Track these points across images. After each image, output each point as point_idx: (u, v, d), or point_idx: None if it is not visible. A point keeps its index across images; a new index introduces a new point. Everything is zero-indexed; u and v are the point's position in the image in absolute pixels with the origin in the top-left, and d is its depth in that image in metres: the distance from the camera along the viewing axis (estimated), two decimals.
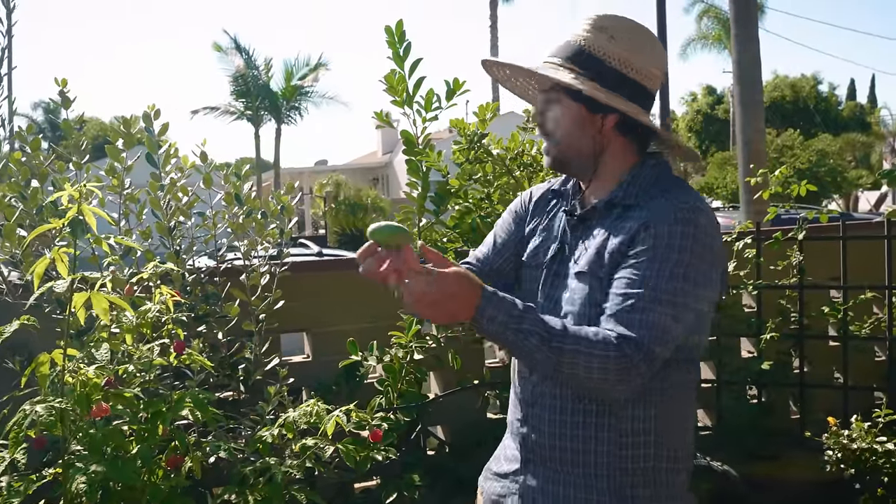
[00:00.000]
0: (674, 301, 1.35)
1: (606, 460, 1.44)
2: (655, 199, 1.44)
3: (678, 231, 1.37)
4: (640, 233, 1.40)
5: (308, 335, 3.22)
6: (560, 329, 1.33)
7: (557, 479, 1.48)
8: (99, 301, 1.57)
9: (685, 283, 1.36)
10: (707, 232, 1.40)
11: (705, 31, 34.82)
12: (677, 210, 1.40)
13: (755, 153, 8.10)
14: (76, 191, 1.46)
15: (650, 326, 1.33)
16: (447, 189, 2.88)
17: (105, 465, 1.52)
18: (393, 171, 33.81)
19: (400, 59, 2.97)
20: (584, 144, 1.51)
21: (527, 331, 1.31)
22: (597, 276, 1.43)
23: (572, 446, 1.46)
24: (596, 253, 1.45)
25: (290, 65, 26.40)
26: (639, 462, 1.44)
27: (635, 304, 1.34)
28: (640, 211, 1.44)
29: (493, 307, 1.30)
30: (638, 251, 1.38)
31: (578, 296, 1.46)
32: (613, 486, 1.44)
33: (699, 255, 1.37)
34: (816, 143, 26.08)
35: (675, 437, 1.48)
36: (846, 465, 2.64)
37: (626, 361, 1.30)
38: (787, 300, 3.49)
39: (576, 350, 1.31)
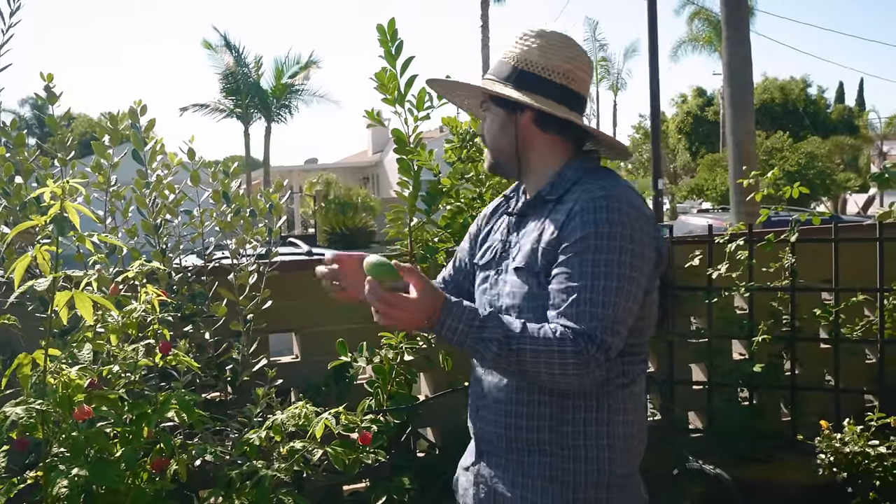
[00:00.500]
0: (614, 288, 1.42)
1: (549, 448, 1.52)
2: (579, 192, 1.52)
3: (603, 218, 1.45)
4: (567, 225, 1.48)
5: (297, 335, 3.18)
6: (519, 331, 1.40)
7: (507, 466, 1.57)
8: (82, 300, 1.53)
9: (620, 269, 1.43)
10: (626, 213, 1.47)
11: (696, 32, 34.96)
12: (596, 199, 1.48)
13: (746, 155, 8.10)
14: (59, 187, 1.42)
15: (599, 318, 1.40)
16: (439, 188, 2.85)
17: (88, 469, 1.48)
18: (383, 170, 33.74)
19: (392, 58, 2.94)
20: (506, 144, 1.63)
21: (487, 338, 1.39)
22: (532, 272, 1.52)
23: (516, 434, 1.54)
24: (530, 248, 1.54)
25: (280, 62, 26.27)
26: (580, 450, 1.51)
27: (579, 297, 1.42)
28: (567, 205, 1.52)
29: (452, 318, 1.40)
30: (568, 244, 1.47)
31: (517, 290, 1.55)
32: (555, 472, 1.52)
33: (625, 238, 1.45)
34: (805, 146, 26.21)
35: (618, 426, 1.54)
36: (838, 469, 2.63)
37: (583, 355, 1.38)
38: (778, 302, 3.48)
39: (535, 349, 1.39)
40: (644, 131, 40.00)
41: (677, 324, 3.51)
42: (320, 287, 3.13)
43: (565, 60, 1.61)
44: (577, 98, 1.63)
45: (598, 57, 44.32)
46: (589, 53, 1.75)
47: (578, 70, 1.63)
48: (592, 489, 1.51)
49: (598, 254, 1.44)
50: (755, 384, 3.33)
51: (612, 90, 46.71)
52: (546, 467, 1.53)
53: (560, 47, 1.63)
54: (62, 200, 1.44)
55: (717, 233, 3.62)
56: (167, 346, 1.78)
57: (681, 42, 36.13)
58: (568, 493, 1.51)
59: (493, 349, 1.39)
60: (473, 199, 2.88)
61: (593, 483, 1.51)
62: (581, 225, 1.46)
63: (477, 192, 2.88)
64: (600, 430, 1.52)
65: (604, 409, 1.53)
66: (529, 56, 1.61)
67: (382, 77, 2.88)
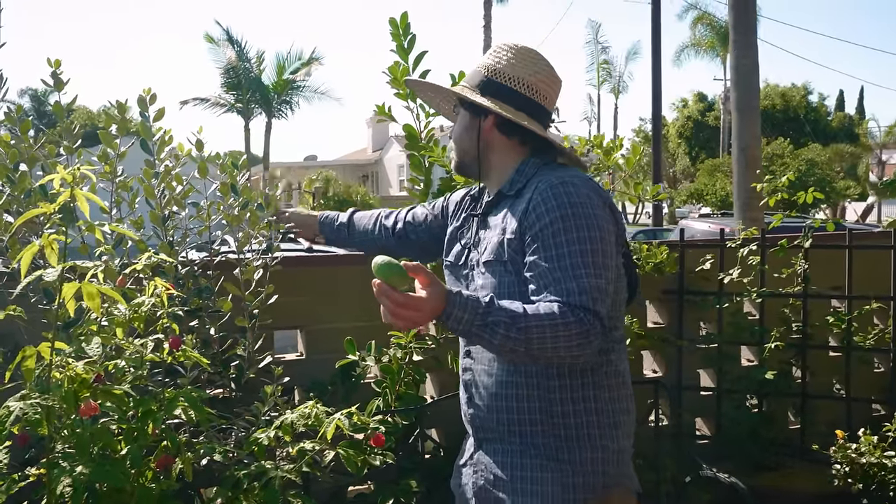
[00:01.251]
0: (591, 262, 1.52)
1: (541, 428, 1.60)
2: (535, 183, 1.64)
3: (564, 202, 1.55)
4: (529, 213, 1.58)
5: (301, 332, 3.12)
6: (521, 312, 1.46)
7: (505, 451, 1.65)
8: (90, 292, 1.48)
9: (591, 244, 1.53)
10: (583, 193, 1.58)
11: (699, 37, 34.98)
12: (553, 185, 1.59)
13: (751, 160, 8.06)
14: (69, 174, 1.37)
15: (586, 290, 1.50)
16: (452, 185, 2.79)
17: (92, 467, 1.43)
18: (382, 168, 33.72)
19: (404, 52, 2.89)
20: (469, 145, 1.77)
21: (492, 323, 1.44)
22: (501, 262, 1.63)
23: (508, 417, 1.63)
24: (497, 242, 1.65)
25: (282, 58, 26.25)
26: (571, 428, 1.59)
27: (562, 274, 1.51)
28: (525, 195, 1.64)
29: (458, 308, 1.44)
30: (537, 230, 1.56)
31: (488, 283, 1.65)
32: (550, 451, 1.60)
33: (587, 215, 1.55)
34: (806, 153, 26.22)
35: (603, 402, 1.62)
36: (854, 480, 2.59)
37: (584, 324, 1.47)
38: (790, 309, 3.43)
39: (540, 326, 1.45)
40: (644, 135, 39.99)
41: (686, 328, 3.46)
42: (326, 283, 3.11)
43: (532, 74, 1.74)
44: (540, 109, 1.76)
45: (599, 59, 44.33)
46: (591, 55, 1.94)
47: (544, 85, 1.76)
48: (589, 464, 1.59)
49: (567, 234, 1.54)
50: (766, 391, 3.28)
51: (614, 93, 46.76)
52: (540, 447, 1.61)
53: (529, 62, 1.75)
54: (72, 188, 1.38)
55: (712, 238, 3.57)
56: (177, 342, 1.73)
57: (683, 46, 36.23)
58: (567, 469, 1.59)
59: (501, 331, 1.44)
60: None
61: (588, 459, 1.59)
62: (546, 211, 1.57)
63: None
64: (588, 405, 1.61)
65: (589, 385, 1.62)
66: (499, 67, 1.74)
67: (395, 71, 2.83)
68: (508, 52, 1.76)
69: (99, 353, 1.49)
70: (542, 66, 1.77)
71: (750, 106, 8.12)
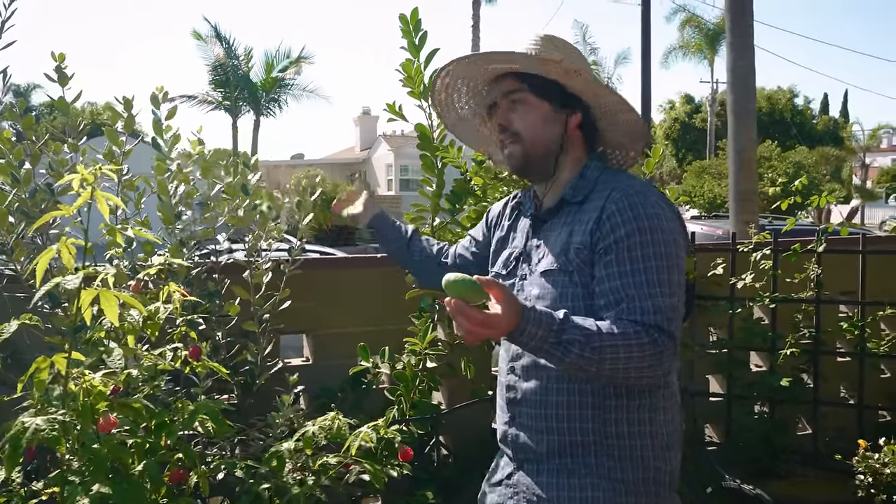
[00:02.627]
0: (665, 280, 1.46)
1: (594, 448, 1.52)
2: (604, 191, 1.55)
3: (642, 214, 1.48)
4: (604, 223, 1.50)
5: (308, 337, 3.04)
6: (595, 331, 1.39)
7: (550, 471, 1.55)
8: (108, 299, 1.39)
9: (668, 261, 1.47)
10: (661, 207, 1.52)
11: (687, 39, 35.08)
12: (630, 196, 1.51)
13: (746, 162, 8.02)
14: (91, 174, 1.28)
15: (661, 309, 1.44)
16: (466, 187, 2.72)
17: (110, 485, 1.34)
18: (370, 167, 33.56)
19: (415, 49, 2.82)
20: (551, 141, 1.62)
21: (567, 341, 1.37)
22: (566, 272, 1.54)
23: (560, 439, 1.54)
24: (560, 250, 1.56)
25: (270, 56, 26.04)
26: (625, 449, 1.52)
27: (638, 291, 1.45)
28: (593, 203, 1.55)
29: (532, 324, 1.36)
30: (612, 242, 1.48)
31: (547, 292, 1.56)
32: (602, 470, 1.51)
33: (665, 231, 1.49)
34: (793, 156, 26.36)
35: (658, 424, 1.55)
36: (877, 490, 2.54)
37: (658, 346, 1.41)
38: (802, 314, 3.39)
39: (614, 346, 1.39)
40: None
41: (697, 333, 3.41)
42: (333, 286, 3.03)
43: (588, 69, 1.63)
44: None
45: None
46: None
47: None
48: (641, 485, 1.52)
49: (644, 248, 1.47)
50: (780, 398, 3.23)
51: None
52: (593, 466, 1.52)
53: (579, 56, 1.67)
54: (93, 188, 1.30)
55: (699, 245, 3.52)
56: (197, 352, 1.64)
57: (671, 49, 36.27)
58: (619, 488, 1.51)
59: (575, 351, 1.37)
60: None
61: (641, 479, 1.52)
62: (622, 222, 1.49)
63: (505, 192, 2.75)
64: (643, 429, 1.54)
65: (645, 406, 1.54)
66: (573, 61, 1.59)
67: (409, 69, 2.75)
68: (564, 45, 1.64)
69: (121, 365, 1.40)
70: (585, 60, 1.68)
71: (746, 109, 8.08)
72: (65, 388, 1.37)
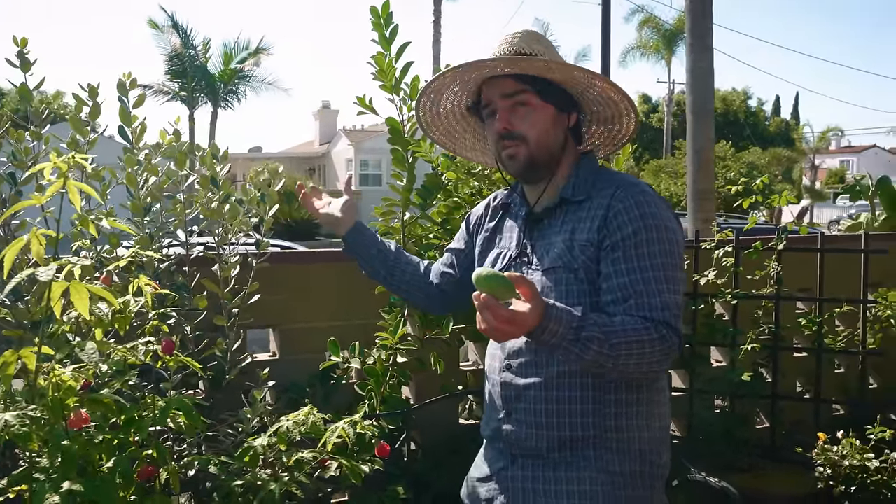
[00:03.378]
0: (672, 277, 1.49)
1: (593, 442, 1.54)
2: (607, 189, 1.57)
3: (648, 213, 1.51)
4: (610, 222, 1.52)
5: (275, 332, 3.01)
6: (611, 326, 1.41)
7: (547, 465, 1.56)
8: (79, 292, 1.35)
9: (672, 259, 1.51)
10: (663, 207, 1.55)
11: (645, 40, 35.57)
12: (635, 194, 1.54)
13: (705, 161, 8.18)
14: (64, 162, 1.24)
15: (669, 306, 1.47)
16: (437, 182, 2.72)
17: (83, 483, 1.31)
18: (330, 161, 33.33)
19: (386, 42, 2.80)
20: (555, 143, 1.63)
21: (586, 338, 1.38)
22: (570, 269, 1.54)
23: (560, 434, 1.55)
24: (563, 248, 1.56)
25: (229, 47, 25.64)
26: (623, 443, 1.54)
27: (647, 288, 1.47)
28: (595, 201, 1.57)
29: (554, 322, 1.35)
30: (619, 240, 1.50)
31: (551, 290, 1.55)
32: (602, 463, 1.53)
33: (669, 230, 1.53)
34: (747, 156, 26.94)
35: (654, 419, 1.58)
36: (836, 482, 2.61)
37: (666, 342, 1.44)
38: (762, 310, 3.47)
39: (628, 343, 1.41)
40: None
41: None
42: (300, 281, 3.00)
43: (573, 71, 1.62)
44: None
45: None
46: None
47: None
48: (638, 478, 1.55)
49: (651, 246, 1.50)
50: (741, 393, 3.30)
51: None
52: (591, 459, 1.54)
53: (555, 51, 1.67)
54: (66, 178, 1.26)
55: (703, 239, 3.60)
56: (171, 345, 1.61)
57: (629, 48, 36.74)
58: (618, 481, 1.53)
59: (594, 348, 1.38)
60: (472, 196, 2.76)
61: (638, 472, 1.55)
62: (629, 220, 1.51)
63: (476, 188, 2.75)
64: (640, 422, 1.56)
65: (643, 401, 1.57)
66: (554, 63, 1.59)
67: (382, 62, 2.73)
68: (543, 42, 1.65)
69: (95, 359, 1.36)
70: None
71: (705, 109, 8.25)
72: (34, 383, 1.33)
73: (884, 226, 4.64)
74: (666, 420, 1.63)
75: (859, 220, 4.87)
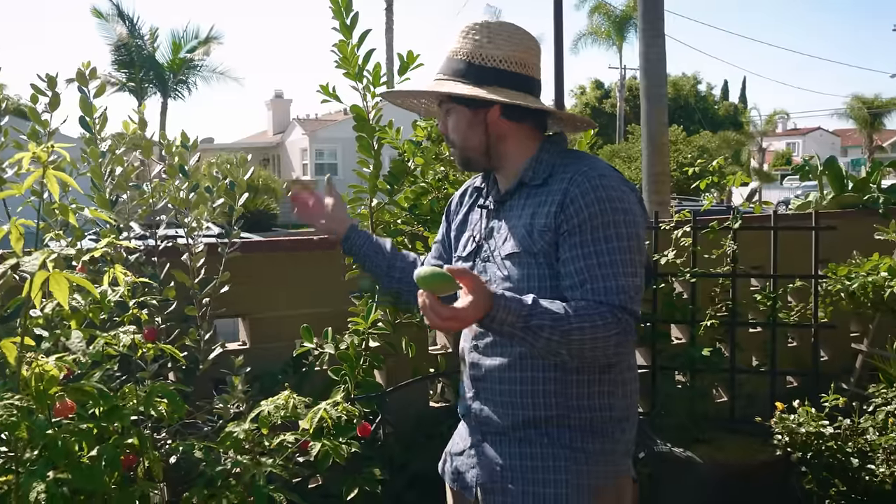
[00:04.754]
0: (628, 260, 1.52)
1: (556, 421, 1.59)
2: (566, 173, 1.59)
3: (604, 197, 1.53)
4: (567, 206, 1.54)
5: (245, 321, 3.01)
6: (563, 314, 1.44)
7: (512, 441, 1.62)
8: (59, 281, 1.35)
9: (629, 241, 1.53)
10: (622, 190, 1.56)
11: (596, 26, 35.87)
12: (592, 178, 1.55)
13: (660, 146, 8.33)
14: (43, 151, 1.24)
15: (624, 289, 1.50)
16: (403, 168, 2.74)
17: (71, 472, 1.31)
18: (285, 151, 32.97)
19: (347, 30, 2.80)
20: (476, 141, 1.66)
21: (536, 326, 1.42)
22: (531, 253, 1.58)
23: (524, 413, 1.60)
24: (524, 232, 1.59)
25: (178, 36, 25.10)
26: (586, 422, 1.59)
27: (602, 272, 1.50)
28: (554, 185, 1.59)
29: (503, 311, 1.41)
30: (575, 225, 1.53)
31: (512, 274, 1.60)
32: (564, 440, 1.59)
33: (627, 212, 1.54)
34: (698, 140, 27.46)
35: (618, 398, 1.62)
36: (793, 448, 2.73)
37: (621, 325, 1.47)
38: (719, 288, 3.58)
39: (580, 328, 1.44)
40: None
41: None
42: (269, 269, 3.01)
43: (517, 49, 1.65)
44: (534, 83, 1.68)
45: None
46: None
47: (530, 55, 1.67)
48: (601, 454, 1.60)
49: (607, 230, 1.52)
50: (701, 368, 3.42)
51: None
52: (555, 437, 1.59)
53: (509, 36, 1.66)
54: (45, 167, 1.25)
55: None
56: (153, 333, 1.61)
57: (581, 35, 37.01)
58: (580, 457, 1.58)
59: (544, 335, 1.42)
60: (439, 181, 2.79)
61: (601, 449, 1.60)
62: (585, 205, 1.53)
63: (443, 173, 2.79)
64: (603, 402, 1.60)
65: (605, 381, 1.60)
66: (483, 50, 1.63)
67: (345, 49, 2.73)
68: (485, 32, 1.64)
69: (82, 348, 1.37)
70: (521, 37, 1.67)
71: (658, 94, 8.38)
72: (17, 372, 1.33)
73: (831, 204, 4.80)
74: (632, 398, 1.66)
75: (808, 200, 5.03)
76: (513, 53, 1.64)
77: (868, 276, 3.26)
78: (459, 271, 1.37)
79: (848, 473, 2.67)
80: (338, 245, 2.00)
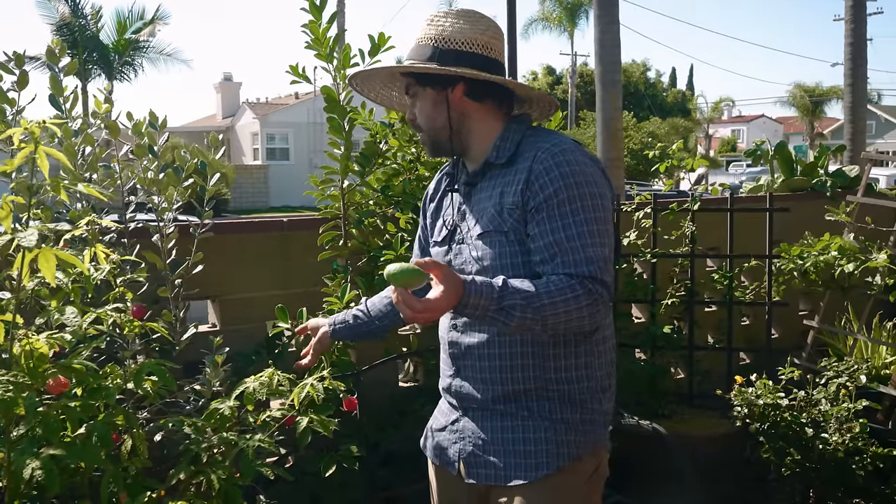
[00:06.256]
0: (595, 231, 1.55)
1: (535, 394, 1.63)
2: (530, 151, 1.62)
3: (568, 171, 1.56)
4: (533, 183, 1.58)
5: (215, 303, 3.00)
6: (534, 291, 1.47)
7: (493, 415, 1.67)
8: (47, 258, 1.35)
9: (595, 213, 1.56)
10: (586, 164, 1.60)
11: (547, 12, 36.08)
12: (555, 154, 1.58)
13: (614, 131, 8.48)
14: (35, 127, 1.23)
15: (593, 260, 1.53)
16: (375, 149, 2.76)
17: (66, 448, 1.31)
18: (235, 135, 32.39)
19: (317, 10, 2.80)
20: (440, 121, 1.69)
21: (508, 307, 1.45)
22: (501, 231, 1.61)
23: (503, 388, 1.64)
24: (493, 212, 1.63)
25: (123, 16, 24.36)
26: (564, 394, 1.64)
27: (570, 245, 1.53)
28: (520, 163, 1.63)
29: (474, 296, 1.43)
30: (542, 201, 1.56)
31: (485, 253, 1.63)
32: (543, 412, 1.63)
33: (591, 184, 1.57)
34: (648, 126, 27.91)
35: (594, 369, 1.67)
36: (752, 419, 2.85)
37: (592, 295, 1.50)
38: (678, 268, 3.70)
39: (553, 303, 1.47)
40: None
41: None
42: (238, 251, 2.99)
43: (481, 33, 1.69)
44: (498, 65, 1.71)
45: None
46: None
47: (494, 39, 1.71)
48: (580, 424, 1.65)
49: (572, 203, 1.55)
50: (661, 346, 3.53)
51: None
52: (534, 409, 1.64)
53: (473, 21, 1.71)
54: (37, 143, 1.24)
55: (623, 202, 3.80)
56: (142, 311, 1.61)
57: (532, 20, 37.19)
58: (559, 428, 1.62)
59: (517, 314, 1.45)
60: (410, 162, 2.81)
61: (579, 420, 1.65)
62: (549, 181, 1.57)
63: (415, 154, 2.81)
64: (580, 373, 1.65)
65: (582, 353, 1.65)
66: (447, 34, 1.67)
67: (316, 30, 2.74)
68: (449, 18, 1.71)
69: (77, 324, 1.36)
70: (487, 22, 1.72)
71: (612, 80, 8.52)
72: (10, 350, 1.32)
73: (782, 187, 4.98)
74: (608, 368, 1.71)
75: (760, 183, 5.20)
76: (477, 36, 1.68)
77: (820, 255, 3.40)
78: (426, 263, 1.40)
79: (802, 442, 2.80)
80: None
